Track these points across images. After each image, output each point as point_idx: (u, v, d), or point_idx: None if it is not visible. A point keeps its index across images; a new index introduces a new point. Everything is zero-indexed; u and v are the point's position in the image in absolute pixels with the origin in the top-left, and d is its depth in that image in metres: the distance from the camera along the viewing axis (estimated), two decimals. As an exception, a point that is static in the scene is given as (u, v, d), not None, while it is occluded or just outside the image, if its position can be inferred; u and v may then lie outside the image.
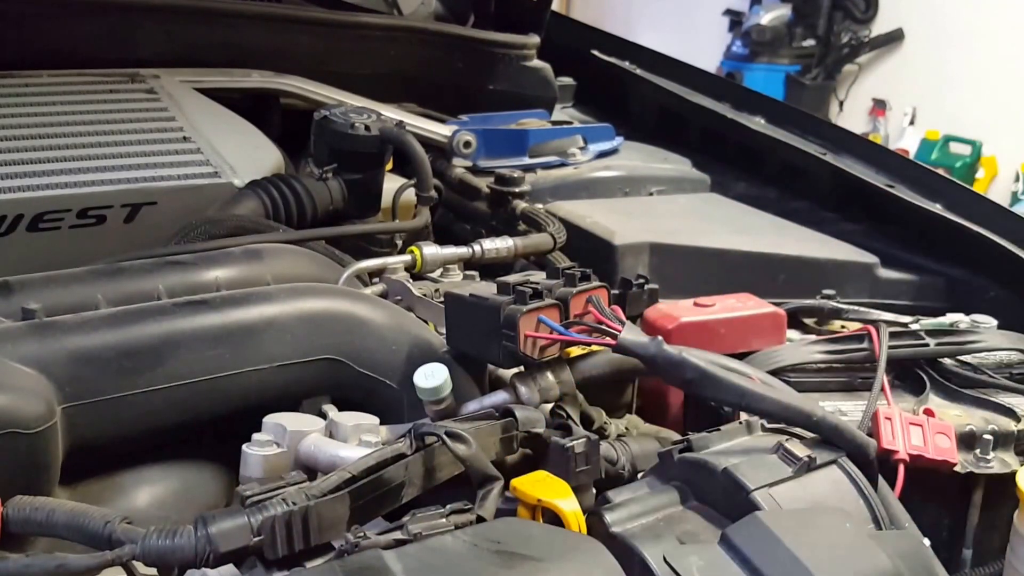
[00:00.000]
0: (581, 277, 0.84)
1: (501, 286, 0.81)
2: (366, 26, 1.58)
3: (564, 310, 0.81)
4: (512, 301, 0.79)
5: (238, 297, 0.83)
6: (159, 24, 1.42)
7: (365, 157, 1.14)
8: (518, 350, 0.78)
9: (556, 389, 0.83)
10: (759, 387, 0.76)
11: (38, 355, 0.72)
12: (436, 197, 1.19)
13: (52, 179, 1.02)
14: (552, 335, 0.79)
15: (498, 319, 0.79)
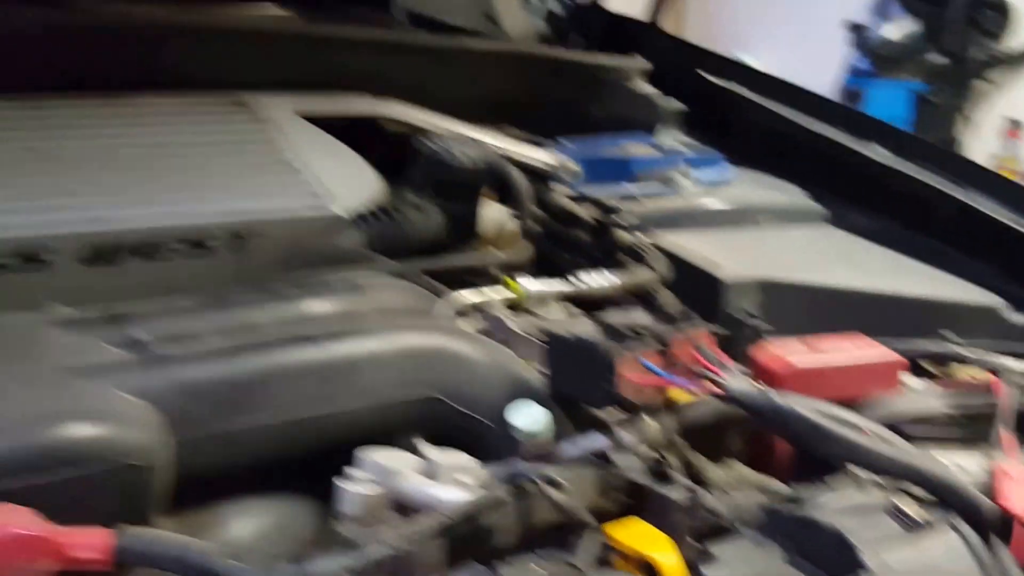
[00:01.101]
0: (685, 319, 0.85)
1: (603, 327, 0.83)
2: (469, 51, 1.63)
3: (667, 354, 0.82)
4: (613, 343, 0.81)
5: (340, 333, 0.87)
6: (264, 49, 1.49)
7: (466, 187, 1.18)
8: (618, 394, 0.80)
9: (657, 434, 0.84)
10: (871, 442, 0.76)
11: (148, 387, 0.77)
12: (538, 229, 1.22)
13: (164, 208, 1.09)
14: (654, 380, 0.80)
15: (598, 361, 0.80)
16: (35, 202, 1.05)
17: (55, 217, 1.03)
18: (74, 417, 0.71)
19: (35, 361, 0.77)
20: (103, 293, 1.05)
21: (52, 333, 0.82)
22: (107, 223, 1.04)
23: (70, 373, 0.76)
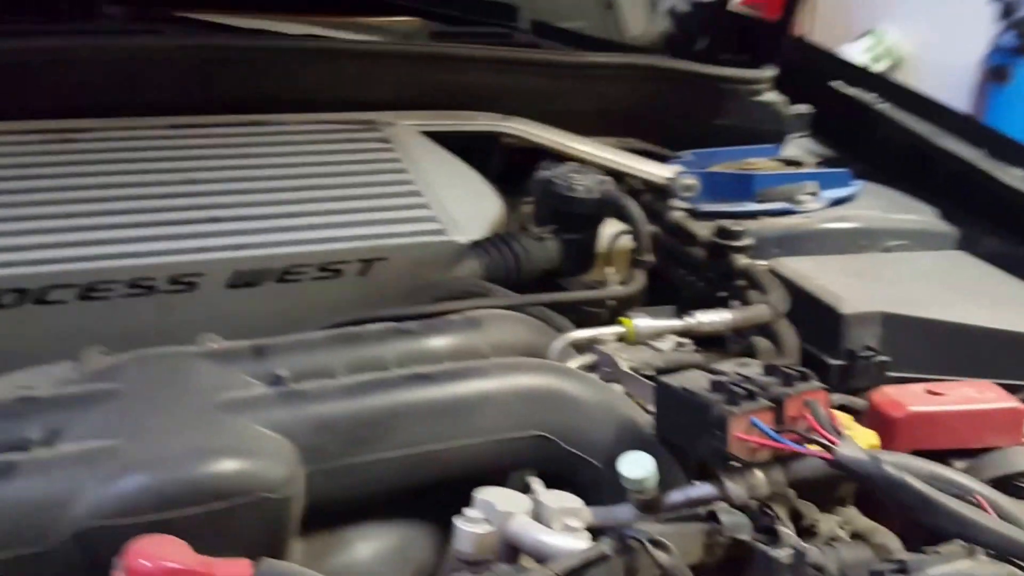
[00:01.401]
0: (800, 377, 0.86)
1: (714, 384, 0.85)
2: (593, 65, 1.66)
3: (779, 412, 0.84)
4: (724, 400, 0.84)
5: (457, 372, 0.92)
6: (392, 69, 1.56)
7: (584, 218, 1.21)
8: (727, 451, 0.82)
9: (765, 488, 0.86)
10: (984, 518, 0.76)
11: (285, 422, 0.84)
12: (653, 261, 1.25)
13: (300, 235, 1.17)
14: (763, 440, 0.82)
15: (708, 417, 0.83)
16: (186, 228, 1.15)
17: (205, 243, 1.13)
18: (222, 453, 0.79)
19: (188, 395, 0.85)
20: (242, 313, 1.15)
21: (202, 366, 0.90)
22: (251, 250, 1.13)
23: (218, 408, 0.84)
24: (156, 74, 1.41)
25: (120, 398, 0.84)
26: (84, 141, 1.28)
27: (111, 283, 1.08)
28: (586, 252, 1.25)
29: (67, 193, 1.17)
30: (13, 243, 1.08)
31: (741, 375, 0.88)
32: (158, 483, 0.76)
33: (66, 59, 1.36)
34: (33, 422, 0.81)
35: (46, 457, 0.77)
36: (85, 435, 0.80)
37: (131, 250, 1.10)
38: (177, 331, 1.10)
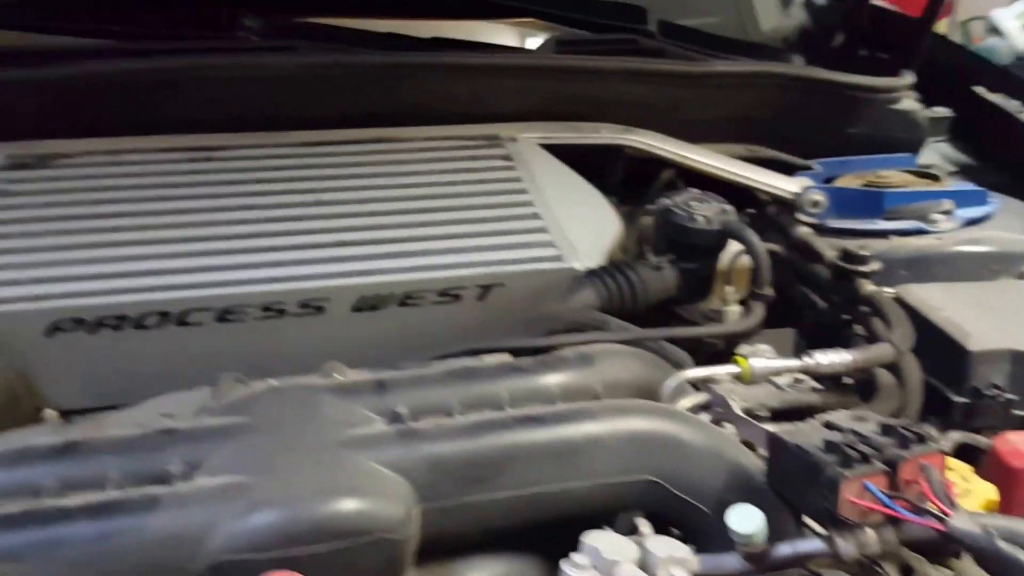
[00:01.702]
0: (917, 439, 0.86)
1: (828, 444, 0.86)
2: (720, 75, 1.65)
3: (893, 476, 0.84)
4: (838, 461, 0.84)
5: (568, 414, 0.96)
6: (516, 82, 1.59)
7: (703, 249, 1.22)
8: (837, 513, 0.83)
9: (875, 546, 0.87)
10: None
11: (403, 461, 0.89)
12: (773, 296, 1.25)
13: (421, 260, 1.22)
14: (875, 505, 0.83)
15: (820, 477, 0.84)
16: (315, 253, 1.21)
17: (333, 269, 1.20)
18: (344, 493, 0.84)
19: (314, 432, 0.91)
20: (365, 335, 1.21)
21: (327, 401, 0.96)
22: (375, 276, 1.19)
23: (341, 445, 0.90)
24: (288, 90, 1.48)
25: (252, 433, 0.91)
26: (221, 160, 1.36)
27: (246, 307, 1.16)
28: (704, 281, 1.26)
29: (206, 215, 1.25)
30: (158, 267, 1.16)
31: (856, 433, 0.88)
32: (285, 521, 0.82)
33: (204, 76, 1.44)
34: (173, 454, 0.88)
35: (185, 492, 0.83)
36: (220, 469, 0.86)
37: (264, 275, 1.17)
38: (304, 351, 1.17)
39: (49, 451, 0.87)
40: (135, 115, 1.44)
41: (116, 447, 0.89)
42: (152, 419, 0.98)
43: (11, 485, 0.84)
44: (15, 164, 1.30)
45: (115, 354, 1.15)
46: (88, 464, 0.86)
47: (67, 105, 1.42)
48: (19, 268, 1.14)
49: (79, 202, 1.25)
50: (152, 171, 1.32)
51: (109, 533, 0.79)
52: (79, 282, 1.13)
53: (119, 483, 0.85)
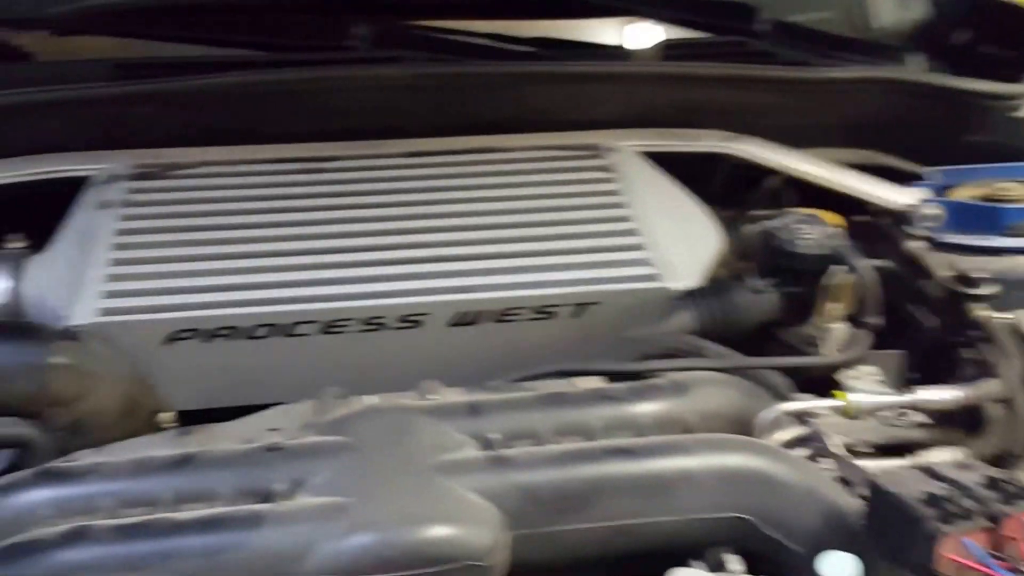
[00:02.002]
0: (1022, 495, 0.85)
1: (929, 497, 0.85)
2: (832, 81, 1.62)
3: (995, 533, 0.83)
4: (938, 516, 0.83)
5: (660, 447, 0.97)
6: (619, 89, 1.60)
7: (807, 273, 1.22)
8: (933, 569, 0.83)
9: (972, 597, 0.86)
10: None
11: (494, 488, 0.92)
12: (880, 325, 1.23)
13: (518, 278, 1.25)
14: (975, 564, 0.82)
15: (918, 530, 0.83)
16: (416, 268, 1.25)
17: (432, 285, 1.24)
18: (436, 520, 0.88)
19: (409, 455, 0.95)
20: (461, 349, 1.25)
21: (422, 424, 1.00)
22: (473, 293, 1.23)
23: (434, 470, 0.94)
24: (395, 101, 1.53)
25: (351, 453, 0.96)
26: (330, 172, 1.42)
27: (348, 320, 1.21)
28: (807, 305, 1.25)
29: (314, 228, 1.31)
30: (268, 280, 1.22)
31: (959, 485, 0.88)
32: (378, 546, 0.86)
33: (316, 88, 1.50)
34: (278, 471, 0.94)
35: (287, 511, 0.89)
36: (320, 490, 0.92)
37: (367, 290, 1.22)
38: (401, 362, 1.23)
39: (166, 464, 0.94)
40: (251, 125, 1.51)
41: (226, 462, 0.95)
42: (259, 433, 1.05)
43: (131, 495, 0.91)
44: (139, 174, 1.38)
45: (227, 361, 1.22)
46: (201, 478, 0.93)
47: (187, 115, 1.50)
48: (140, 279, 1.21)
49: (196, 213, 1.32)
50: (265, 183, 1.39)
51: (217, 548, 0.85)
52: (195, 294, 1.20)
53: (228, 497, 0.92)
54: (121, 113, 1.48)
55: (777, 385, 1.14)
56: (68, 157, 1.43)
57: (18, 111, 1.45)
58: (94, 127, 1.48)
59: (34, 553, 0.83)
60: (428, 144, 1.50)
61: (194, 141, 1.48)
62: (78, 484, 0.92)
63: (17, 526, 0.89)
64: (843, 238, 1.23)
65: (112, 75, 1.54)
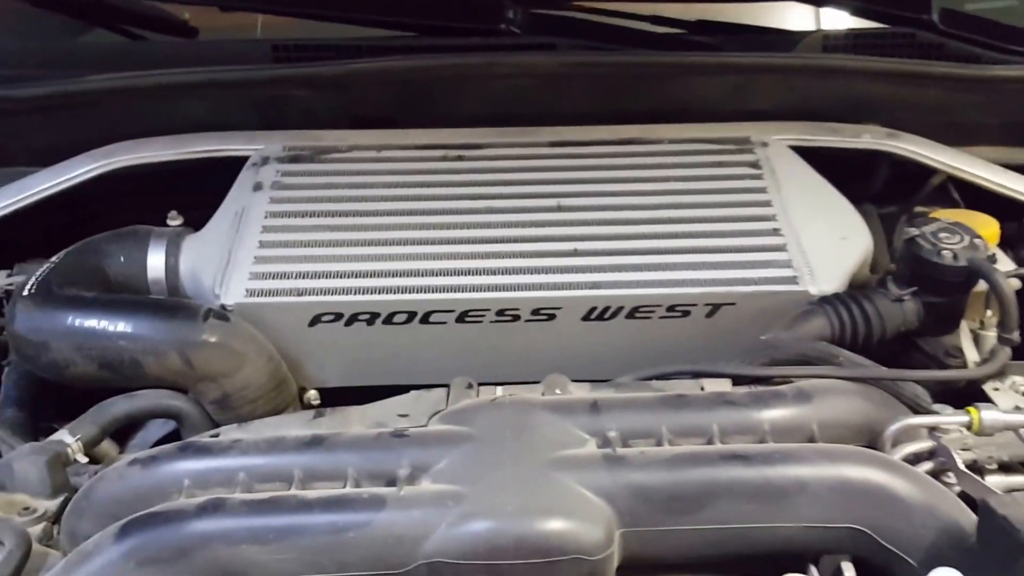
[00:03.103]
0: None
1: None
2: (1002, 79, 1.59)
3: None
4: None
5: (776, 455, 1.01)
6: (776, 80, 1.61)
7: (949, 284, 1.22)
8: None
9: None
10: None
11: (607, 486, 0.98)
12: (1018, 341, 1.22)
13: (653, 275, 1.29)
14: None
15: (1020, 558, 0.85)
16: (550, 261, 1.32)
17: (566, 279, 1.30)
18: (549, 514, 0.95)
19: (528, 448, 1.02)
20: (591, 343, 1.31)
21: (543, 418, 1.07)
22: (606, 289, 1.28)
23: (552, 465, 1.00)
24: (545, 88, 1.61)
25: (473, 444, 1.03)
26: (472, 160, 1.50)
27: (484, 311, 1.29)
28: (949, 317, 1.25)
29: (454, 217, 1.39)
30: (408, 268, 1.31)
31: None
32: (493, 535, 0.94)
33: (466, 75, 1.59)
34: (402, 457, 1.02)
35: (410, 495, 0.98)
36: (441, 477, 1.00)
37: (503, 282, 1.29)
38: (532, 352, 1.30)
39: (299, 444, 1.05)
40: (401, 110, 1.62)
41: (354, 445, 1.05)
42: (390, 417, 1.14)
43: (265, 471, 1.02)
44: (291, 157, 1.51)
45: (366, 343, 1.32)
46: (330, 459, 1.03)
47: (339, 99, 1.61)
48: (287, 262, 1.33)
49: (342, 198, 1.42)
50: (408, 169, 1.48)
51: (342, 527, 0.95)
52: (337, 279, 1.30)
53: (355, 479, 1.01)
54: (277, 95, 1.61)
55: (914, 395, 1.15)
56: (225, 136, 1.56)
57: (179, 90, 1.59)
58: (250, 108, 1.61)
59: (172, 522, 0.94)
60: (575, 133, 1.56)
61: (345, 124, 1.59)
62: (217, 459, 1.03)
63: (159, 495, 1.00)
64: (986, 249, 1.22)
65: (270, 57, 1.68)
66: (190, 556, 0.92)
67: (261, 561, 0.92)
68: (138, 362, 1.21)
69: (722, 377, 1.17)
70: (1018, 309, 1.22)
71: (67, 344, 1.21)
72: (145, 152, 1.51)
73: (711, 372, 1.18)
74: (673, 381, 1.18)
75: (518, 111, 1.60)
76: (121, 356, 1.20)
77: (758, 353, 1.20)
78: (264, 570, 0.92)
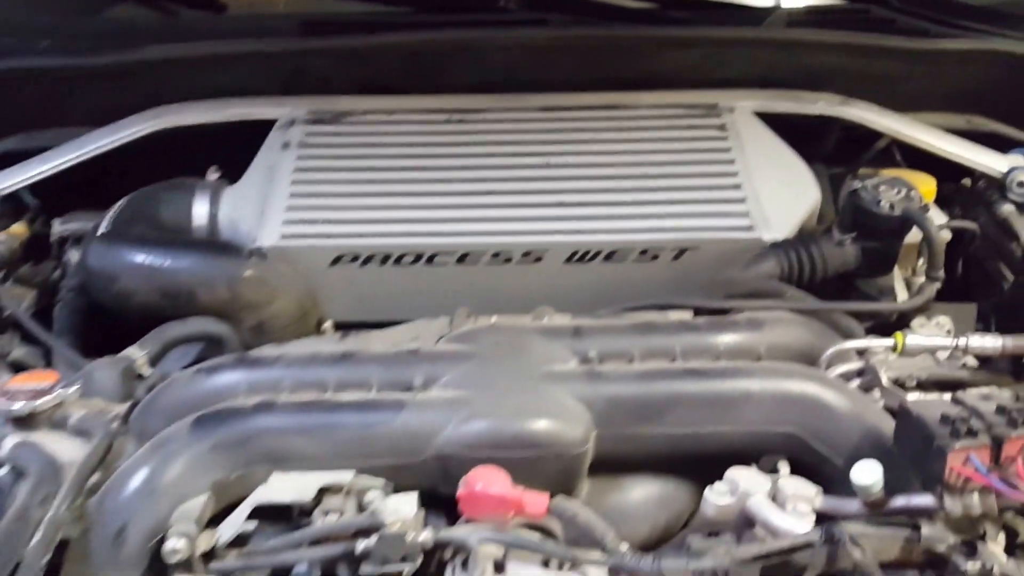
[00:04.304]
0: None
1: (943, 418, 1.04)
2: (945, 52, 1.75)
3: (997, 451, 1.01)
4: (949, 433, 1.02)
5: (728, 371, 1.18)
6: (743, 53, 1.78)
7: (886, 231, 1.39)
8: (943, 478, 1.01)
9: (978, 508, 1.04)
10: None
11: (587, 395, 1.16)
12: (943, 278, 1.39)
13: (629, 223, 1.47)
14: (976, 476, 1.00)
15: (932, 445, 1.02)
16: (539, 211, 1.50)
17: (552, 226, 1.48)
18: (539, 415, 1.12)
19: (521, 364, 1.20)
20: (572, 282, 1.48)
21: (534, 340, 1.25)
22: (587, 235, 1.46)
23: (541, 377, 1.18)
24: (537, 60, 1.77)
25: (474, 360, 1.21)
26: (471, 122, 1.67)
27: (480, 254, 1.46)
28: (885, 259, 1.43)
29: (455, 172, 1.57)
30: (414, 216, 1.49)
31: (974, 410, 1.06)
32: (493, 431, 1.11)
33: (467, 48, 1.75)
34: (417, 369, 1.20)
35: (423, 400, 1.15)
36: (450, 386, 1.17)
37: (497, 228, 1.47)
38: (522, 290, 1.48)
39: (332, 358, 1.22)
40: (411, 78, 1.78)
41: (377, 360, 1.22)
42: (404, 340, 1.32)
43: (305, 380, 1.19)
44: (314, 119, 1.67)
45: (378, 281, 1.50)
46: (358, 370, 1.20)
47: (356, 69, 1.77)
48: (313, 210, 1.50)
49: (359, 156, 1.59)
50: (416, 130, 1.65)
51: (369, 424, 1.12)
52: (355, 225, 1.48)
53: (378, 387, 1.18)
54: (299, 65, 1.77)
55: (848, 326, 1.33)
56: (254, 102, 1.73)
57: (213, 61, 1.75)
58: (277, 77, 1.77)
59: (235, 416, 1.12)
60: (562, 99, 1.73)
61: (357, 91, 1.75)
62: (266, 370, 1.21)
63: (217, 398, 1.18)
64: (920, 201, 1.39)
65: (296, 30, 1.83)
66: (248, 443, 1.09)
67: (304, 449, 1.10)
68: (192, 292, 1.38)
69: (685, 308, 1.34)
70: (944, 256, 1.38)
71: (134, 276, 1.39)
72: (187, 115, 1.67)
73: (676, 305, 1.35)
74: (644, 313, 1.35)
75: (512, 79, 1.76)
76: (179, 287, 1.38)
77: (718, 289, 1.37)
78: (306, 456, 1.10)
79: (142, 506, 1.04)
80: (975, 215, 1.64)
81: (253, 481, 1.09)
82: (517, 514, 1.06)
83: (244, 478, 1.09)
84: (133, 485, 1.06)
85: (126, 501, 1.05)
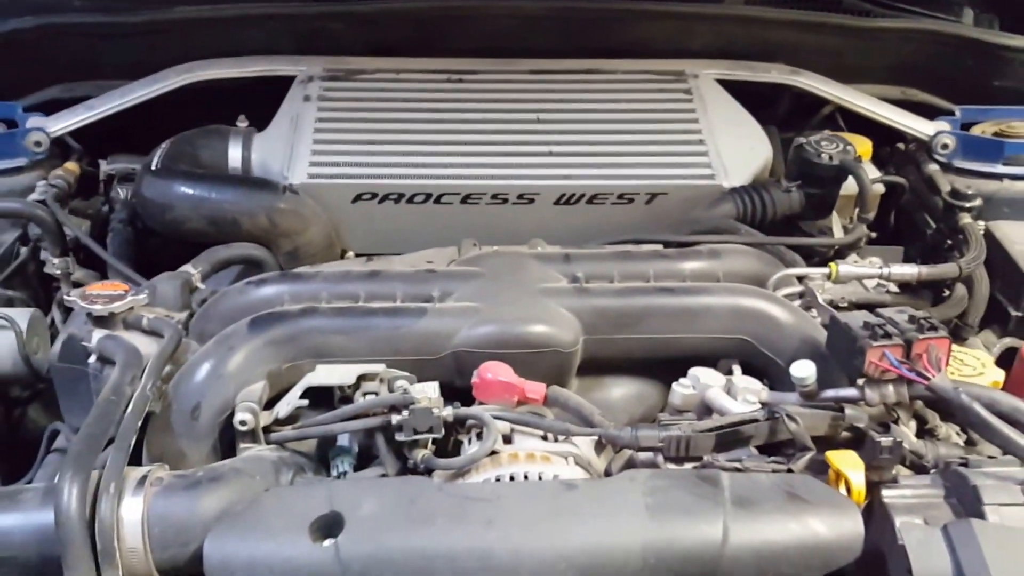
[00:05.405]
0: (931, 327, 1.25)
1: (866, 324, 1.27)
2: (883, 30, 2.00)
3: (908, 349, 1.25)
4: (868, 335, 1.25)
5: (692, 289, 1.41)
6: (706, 27, 2.00)
7: (825, 179, 1.63)
8: (864, 370, 1.25)
9: (893, 397, 1.28)
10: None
11: (577, 307, 1.37)
12: (871, 219, 1.64)
13: (608, 171, 1.70)
14: (888, 366, 1.23)
15: (854, 345, 1.25)
16: (531, 159, 1.71)
17: (543, 172, 1.70)
18: (537, 321, 1.34)
19: (521, 281, 1.41)
20: (561, 222, 1.71)
21: (531, 263, 1.47)
22: (573, 180, 1.68)
23: (538, 292, 1.40)
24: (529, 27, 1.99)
25: (482, 278, 1.43)
26: (469, 82, 1.88)
27: (481, 194, 1.68)
28: (824, 204, 1.67)
29: (457, 124, 1.78)
30: (423, 161, 1.70)
31: (890, 319, 1.29)
32: (499, 333, 1.33)
33: (465, 15, 1.96)
34: (434, 285, 1.41)
35: (441, 308, 1.36)
36: (462, 297, 1.39)
37: (495, 173, 1.69)
38: (518, 228, 1.70)
39: (363, 274, 1.43)
40: (416, 41, 1.98)
41: (401, 277, 1.43)
42: (421, 263, 1.53)
43: (340, 292, 1.40)
44: (330, 76, 1.87)
45: (393, 218, 1.71)
46: (384, 285, 1.41)
47: (367, 32, 1.97)
48: (335, 154, 1.71)
49: (373, 108, 1.80)
50: (421, 88, 1.86)
51: (397, 326, 1.33)
52: (372, 167, 1.69)
53: (403, 298, 1.39)
54: (315, 27, 1.97)
55: (792, 258, 1.57)
56: (275, 59, 1.93)
57: (235, 22, 1.94)
58: (294, 37, 1.97)
59: (285, 319, 1.32)
60: (550, 63, 1.95)
61: (366, 52, 1.95)
62: (306, 283, 1.41)
63: (266, 306, 1.38)
64: (856, 155, 1.63)
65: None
66: (296, 340, 1.30)
67: (343, 346, 1.31)
68: (236, 220, 1.59)
69: (657, 242, 1.57)
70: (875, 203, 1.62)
71: (186, 205, 1.58)
72: (215, 70, 1.86)
73: (649, 239, 1.58)
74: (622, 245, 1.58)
75: (506, 45, 1.98)
76: (225, 215, 1.58)
77: (683, 226, 1.60)
78: (344, 352, 1.31)
79: (212, 388, 1.25)
80: (906, 173, 1.89)
81: (300, 372, 1.29)
82: (520, 400, 1.28)
83: (293, 369, 1.30)
84: (203, 371, 1.26)
85: (199, 384, 1.25)
